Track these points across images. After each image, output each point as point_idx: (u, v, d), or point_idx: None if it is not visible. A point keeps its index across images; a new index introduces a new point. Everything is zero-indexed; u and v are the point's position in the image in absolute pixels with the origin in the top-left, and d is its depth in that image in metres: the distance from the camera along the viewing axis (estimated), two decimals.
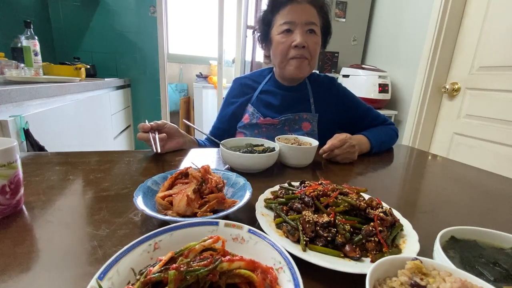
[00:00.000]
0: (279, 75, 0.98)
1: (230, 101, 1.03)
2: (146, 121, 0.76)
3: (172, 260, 0.26)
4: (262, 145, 0.74)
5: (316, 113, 0.96)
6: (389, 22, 2.09)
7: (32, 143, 1.00)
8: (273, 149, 0.69)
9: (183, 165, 0.69)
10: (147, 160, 0.70)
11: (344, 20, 2.15)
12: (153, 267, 0.25)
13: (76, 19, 2.31)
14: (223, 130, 1.02)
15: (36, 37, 1.55)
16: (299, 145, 0.72)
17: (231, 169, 0.66)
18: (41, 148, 1.04)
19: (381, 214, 0.38)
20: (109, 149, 1.97)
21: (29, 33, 1.52)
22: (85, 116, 1.58)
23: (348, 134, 0.79)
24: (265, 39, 0.93)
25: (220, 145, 0.68)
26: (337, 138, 0.77)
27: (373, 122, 1.00)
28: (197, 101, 3.14)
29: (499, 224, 0.49)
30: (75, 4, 2.27)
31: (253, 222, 0.41)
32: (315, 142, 0.72)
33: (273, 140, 0.74)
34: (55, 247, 0.35)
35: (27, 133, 0.99)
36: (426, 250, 0.38)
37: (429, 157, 0.93)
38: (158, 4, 2.42)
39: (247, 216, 0.45)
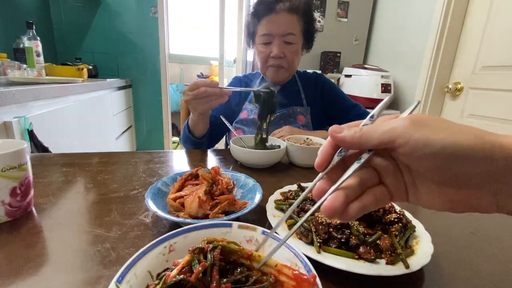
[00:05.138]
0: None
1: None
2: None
3: (189, 264, 0.26)
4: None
5: (308, 106, 1.02)
6: (391, 22, 2.08)
7: (36, 144, 1.00)
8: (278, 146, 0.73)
9: (189, 166, 0.69)
10: (154, 161, 0.69)
11: (346, 20, 2.15)
12: (171, 271, 0.25)
13: (77, 20, 2.31)
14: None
15: (38, 38, 1.55)
16: (307, 145, 0.73)
17: (240, 164, 0.71)
18: (45, 149, 1.04)
19: (398, 224, 0.38)
20: (111, 149, 1.97)
21: (31, 34, 1.52)
22: (87, 117, 1.58)
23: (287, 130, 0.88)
24: (252, 43, 1.01)
25: (230, 142, 0.71)
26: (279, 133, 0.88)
27: (356, 119, 0.99)
28: None
29: (509, 224, 0.49)
30: (76, 5, 2.27)
31: (262, 223, 0.41)
32: (324, 142, 0.73)
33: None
34: (67, 249, 0.35)
35: (31, 134, 0.98)
36: (440, 251, 0.38)
37: None
38: (159, 5, 2.42)
39: (257, 217, 0.45)
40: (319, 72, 1.11)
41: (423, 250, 0.35)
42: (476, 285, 0.33)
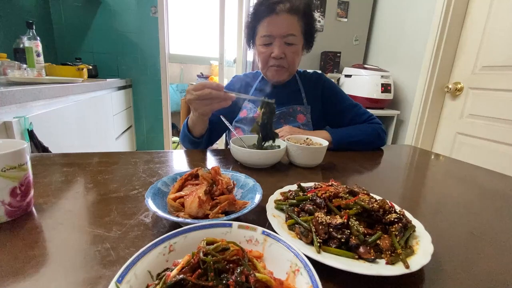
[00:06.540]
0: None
1: None
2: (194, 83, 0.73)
3: (189, 264, 0.26)
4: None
5: (309, 105, 1.02)
6: (391, 22, 2.08)
7: (36, 144, 1.00)
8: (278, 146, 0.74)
9: (189, 166, 0.69)
10: (154, 161, 0.69)
11: (346, 20, 2.15)
12: (171, 271, 0.25)
13: (77, 20, 2.31)
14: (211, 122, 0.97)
15: (38, 38, 1.55)
16: (308, 145, 0.73)
17: (240, 164, 0.71)
18: (45, 149, 1.04)
19: (398, 224, 0.38)
20: (111, 149, 1.97)
21: (31, 34, 1.52)
22: (87, 117, 1.58)
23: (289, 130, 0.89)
24: (252, 44, 1.01)
25: (230, 142, 0.71)
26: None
27: (356, 119, 1.00)
28: None
29: (509, 224, 0.49)
30: (76, 5, 2.27)
31: (262, 223, 0.41)
32: (324, 143, 0.73)
33: None
34: (67, 249, 0.35)
35: (31, 134, 0.98)
36: (440, 251, 0.38)
37: (433, 157, 0.93)
38: (159, 5, 2.42)
39: (257, 217, 0.45)
40: (320, 72, 1.11)
41: (423, 250, 0.35)
42: (476, 285, 0.33)
